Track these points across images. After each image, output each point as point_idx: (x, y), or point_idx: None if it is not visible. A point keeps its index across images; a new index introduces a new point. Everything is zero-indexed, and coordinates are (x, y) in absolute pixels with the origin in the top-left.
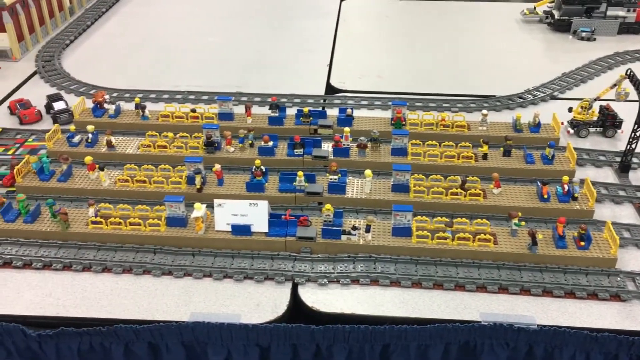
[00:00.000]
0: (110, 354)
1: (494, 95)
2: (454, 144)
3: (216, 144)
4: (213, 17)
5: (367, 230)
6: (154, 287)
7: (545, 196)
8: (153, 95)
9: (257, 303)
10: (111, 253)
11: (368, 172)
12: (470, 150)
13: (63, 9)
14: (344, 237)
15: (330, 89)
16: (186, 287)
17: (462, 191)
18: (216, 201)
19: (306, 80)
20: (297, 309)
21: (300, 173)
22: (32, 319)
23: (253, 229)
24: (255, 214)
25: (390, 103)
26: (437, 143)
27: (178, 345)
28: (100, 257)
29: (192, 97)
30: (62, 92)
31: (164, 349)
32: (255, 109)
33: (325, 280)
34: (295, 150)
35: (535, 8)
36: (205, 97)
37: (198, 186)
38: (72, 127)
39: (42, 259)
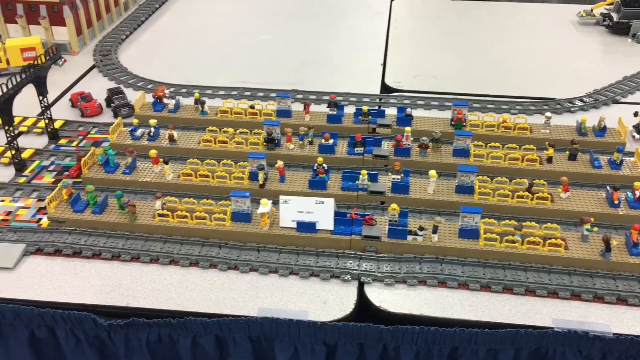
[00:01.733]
0: (177, 346)
1: (554, 98)
2: (517, 146)
3: (276, 141)
4: (263, 14)
5: (434, 231)
6: (221, 281)
7: (616, 202)
8: (209, 91)
9: (324, 301)
10: (177, 246)
11: (433, 172)
12: (535, 153)
13: (118, 4)
14: (409, 238)
15: (385, 88)
16: (252, 282)
17: (529, 194)
18: (282, 197)
19: (360, 79)
20: (363, 308)
21: (363, 172)
22: (102, 309)
23: (318, 227)
24: (321, 211)
25: (448, 103)
26: (499, 145)
27: (245, 340)
28: (167, 250)
29: (247, 93)
30: (120, 86)
31: (231, 343)
32: (312, 107)
33: (392, 280)
34: (356, 149)
35: (592, 10)
36: (260, 94)
37: (261, 182)
38: (135, 120)
39: (111, 249)
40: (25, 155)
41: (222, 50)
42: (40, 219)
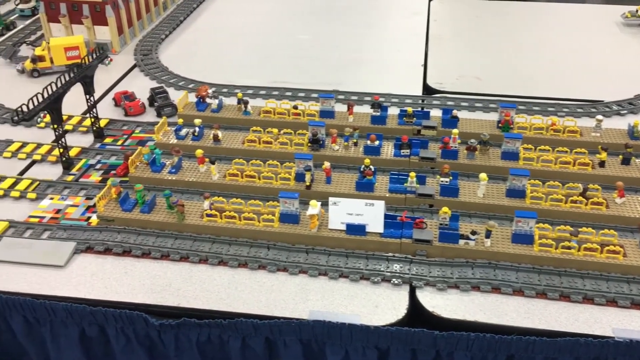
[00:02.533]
0: (227, 347)
1: (602, 101)
2: (568, 150)
3: (321, 142)
4: (301, 14)
5: (487, 235)
6: (270, 283)
7: None
8: (250, 91)
9: (375, 305)
10: (226, 246)
11: (483, 175)
12: (587, 157)
13: (158, 4)
14: (461, 242)
15: (427, 90)
16: (302, 285)
17: (583, 199)
18: (331, 199)
19: (401, 80)
20: (414, 312)
21: (412, 174)
22: (153, 308)
23: (368, 229)
24: (371, 214)
25: (493, 105)
26: (549, 148)
27: (296, 343)
28: (215, 250)
29: (288, 93)
30: (163, 86)
31: (281, 345)
32: (355, 108)
33: (444, 284)
34: (402, 151)
35: (637, 11)
36: (301, 94)
37: (307, 183)
38: (180, 120)
39: (160, 248)
40: (72, 153)
41: (261, 50)
42: (89, 217)
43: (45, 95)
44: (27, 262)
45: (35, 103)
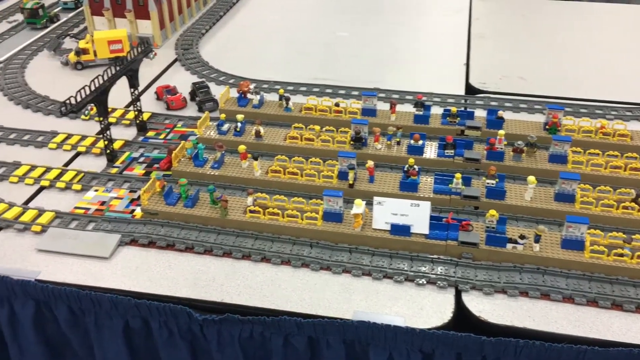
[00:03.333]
0: (268, 344)
1: None
2: (618, 154)
3: (364, 140)
4: (339, 10)
5: (536, 240)
6: (313, 281)
7: None
8: (290, 87)
9: (420, 307)
10: (268, 243)
11: (532, 178)
12: (639, 162)
13: None
14: (509, 246)
15: (469, 89)
16: (345, 284)
17: (635, 205)
18: (376, 198)
19: (442, 79)
20: (460, 316)
21: (458, 175)
22: (196, 303)
23: (413, 230)
24: (416, 215)
25: (538, 106)
26: (599, 152)
27: (339, 343)
28: (258, 247)
29: (329, 91)
30: (204, 80)
31: (324, 345)
32: (397, 106)
33: (491, 289)
34: (446, 151)
35: None
36: (342, 92)
37: (351, 182)
38: (222, 115)
39: (203, 243)
40: (115, 146)
41: (300, 46)
42: (133, 210)
43: (92, 88)
44: (73, 253)
45: (83, 95)
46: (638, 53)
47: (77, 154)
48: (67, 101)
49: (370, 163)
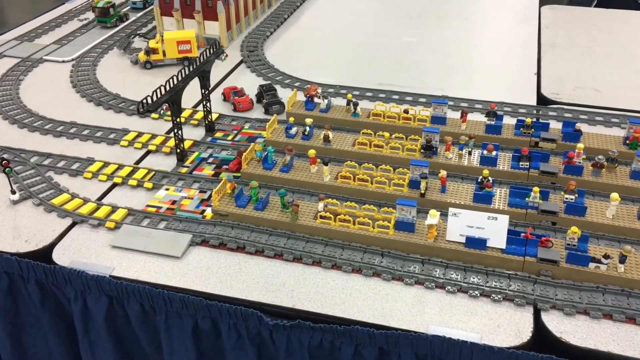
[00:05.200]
0: (338, 353)
1: None
2: None
3: (434, 149)
4: (407, 16)
5: (622, 261)
6: (385, 292)
7: None
8: (356, 92)
9: (497, 324)
10: (339, 250)
11: (615, 195)
12: None
13: (263, 1)
14: (591, 265)
15: (541, 100)
16: (418, 296)
17: None
18: (451, 210)
19: (513, 89)
20: (539, 336)
21: (535, 188)
22: (266, 307)
23: (489, 244)
24: (493, 228)
25: (615, 120)
26: None
27: (411, 356)
28: (328, 253)
29: (395, 97)
30: (271, 83)
31: (395, 357)
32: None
33: (572, 309)
34: (521, 163)
35: None
36: (409, 99)
37: (422, 191)
38: (290, 118)
39: (274, 247)
40: (185, 145)
41: (365, 51)
42: (203, 211)
43: (167, 88)
44: (145, 251)
45: (159, 95)
46: None
47: (148, 152)
48: (144, 100)
49: (442, 173)
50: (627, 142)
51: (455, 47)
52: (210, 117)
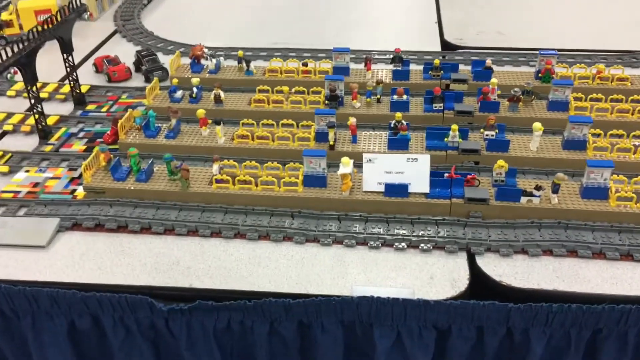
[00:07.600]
0: (250, 335)
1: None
2: (623, 98)
3: (340, 98)
4: None
5: (555, 191)
6: (299, 256)
7: None
8: (249, 53)
9: (430, 276)
10: (241, 216)
11: (537, 125)
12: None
13: None
14: (523, 200)
15: (446, 46)
16: (338, 257)
17: None
18: (365, 156)
19: (416, 38)
20: (476, 283)
21: (454, 127)
22: (158, 291)
23: (411, 189)
24: (414, 171)
25: (522, 59)
26: (603, 97)
27: (336, 325)
28: (229, 221)
29: (292, 54)
30: (150, 48)
31: (317, 329)
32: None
33: (509, 249)
34: (434, 105)
35: None
36: (307, 55)
37: (331, 142)
38: (174, 80)
39: (163, 221)
40: (49, 122)
41: (255, 12)
42: (74, 190)
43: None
44: (2, 244)
45: (4, 58)
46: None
47: (3, 134)
48: None
49: (352, 120)
50: (540, 75)
51: (352, 3)
52: (78, 88)
